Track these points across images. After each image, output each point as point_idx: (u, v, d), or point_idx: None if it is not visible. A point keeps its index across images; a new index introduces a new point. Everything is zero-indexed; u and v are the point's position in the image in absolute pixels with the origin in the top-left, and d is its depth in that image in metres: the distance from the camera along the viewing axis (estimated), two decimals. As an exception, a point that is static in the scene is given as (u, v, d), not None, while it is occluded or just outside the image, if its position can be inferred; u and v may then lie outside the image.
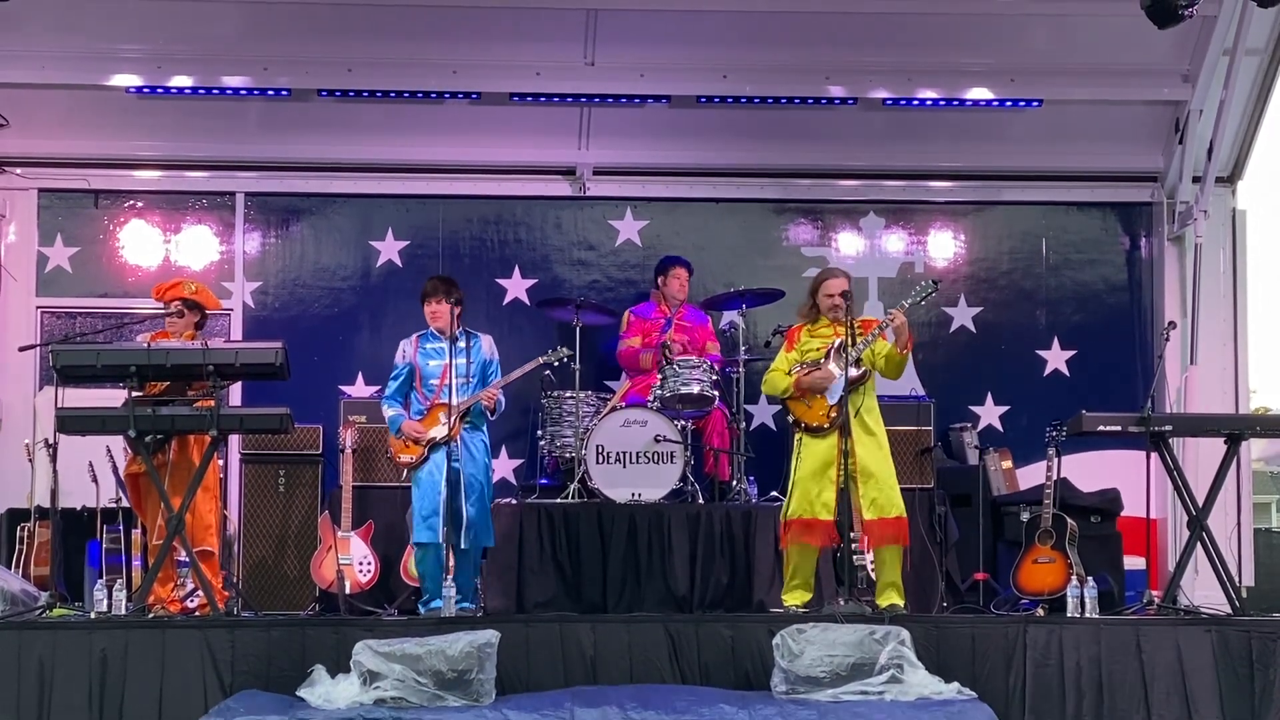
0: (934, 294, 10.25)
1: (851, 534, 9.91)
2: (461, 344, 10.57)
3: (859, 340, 9.92)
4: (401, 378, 10.70)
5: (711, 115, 13.30)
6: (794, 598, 10.05)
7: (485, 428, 10.70)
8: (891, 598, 9.94)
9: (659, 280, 12.61)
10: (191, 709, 8.67)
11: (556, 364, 11.12)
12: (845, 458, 9.81)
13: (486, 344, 10.77)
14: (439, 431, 10.38)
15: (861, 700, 8.43)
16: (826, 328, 10.22)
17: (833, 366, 10.02)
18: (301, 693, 8.52)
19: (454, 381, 10.41)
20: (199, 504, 10.28)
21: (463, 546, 10.29)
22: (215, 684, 8.82)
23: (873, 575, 10.22)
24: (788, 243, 13.76)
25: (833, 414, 9.97)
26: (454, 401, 10.35)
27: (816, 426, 10.07)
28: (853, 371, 9.87)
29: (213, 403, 9.79)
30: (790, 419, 10.32)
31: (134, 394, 9.86)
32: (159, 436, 10.07)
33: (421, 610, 10.35)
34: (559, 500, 11.34)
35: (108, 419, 9.78)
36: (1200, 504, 10.24)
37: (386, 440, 10.98)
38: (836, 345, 10.04)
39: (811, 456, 10.06)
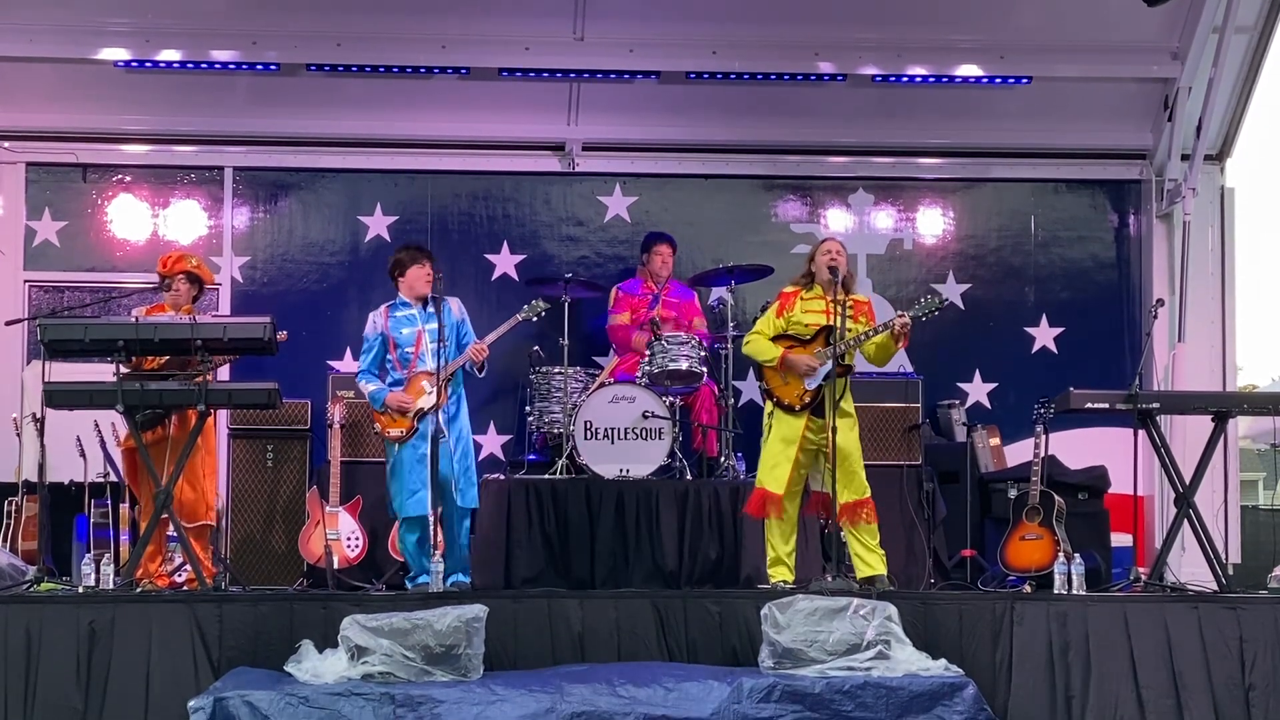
0: (940, 311, 10.23)
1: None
2: (431, 309, 10.51)
3: (851, 337, 9.92)
4: (374, 349, 10.62)
5: (701, 91, 13.29)
6: (776, 574, 10.08)
7: (461, 388, 10.68)
8: (874, 566, 9.92)
9: (644, 257, 12.61)
10: (179, 683, 8.69)
11: (535, 318, 11.02)
12: (833, 434, 9.80)
13: (455, 306, 10.72)
14: (427, 401, 10.35)
15: (849, 676, 8.45)
16: (819, 300, 10.17)
17: (821, 353, 9.99)
18: (289, 668, 8.53)
19: (429, 346, 10.40)
20: (200, 480, 10.38)
21: (458, 504, 10.32)
22: (203, 658, 8.82)
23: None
24: (776, 219, 13.75)
25: (806, 398, 10.00)
26: (432, 366, 10.34)
27: (789, 404, 10.08)
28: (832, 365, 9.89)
29: (211, 376, 9.83)
30: (762, 385, 10.33)
31: (133, 369, 9.93)
32: (157, 411, 10.09)
33: (409, 587, 10.36)
34: (547, 476, 11.33)
35: (96, 393, 9.77)
36: (1187, 481, 10.27)
37: (373, 416, 10.95)
38: (826, 332, 10.01)
39: (778, 432, 10.11)
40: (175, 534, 9.99)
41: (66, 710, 8.70)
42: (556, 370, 11.82)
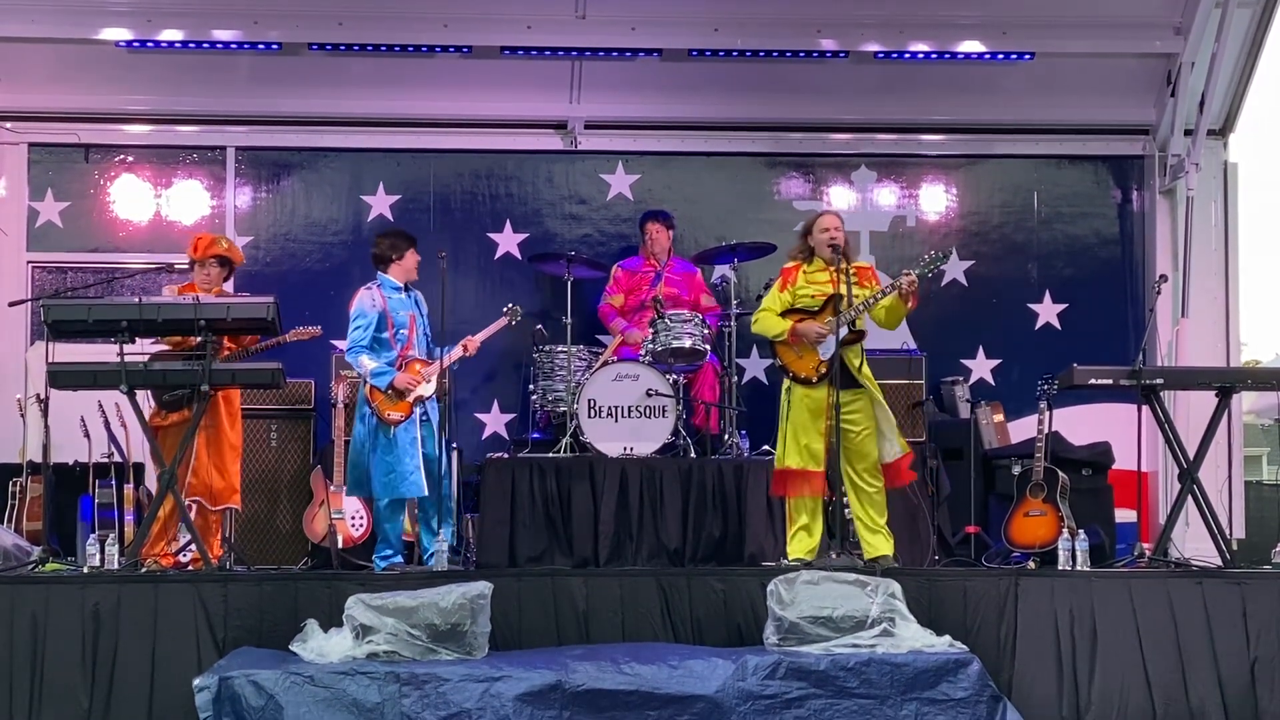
0: (943, 264, 10.17)
1: (843, 489, 9.93)
2: (415, 296, 10.75)
3: (859, 302, 9.86)
4: (372, 325, 10.61)
5: (703, 69, 13.26)
6: (796, 548, 9.99)
7: None
8: (879, 547, 9.89)
9: (643, 236, 12.62)
10: (184, 662, 8.71)
11: (513, 322, 11.22)
12: (836, 412, 9.77)
13: (422, 298, 10.97)
14: (427, 389, 10.49)
15: (854, 653, 8.47)
16: (822, 271, 10.07)
17: (831, 321, 9.91)
18: (294, 647, 8.55)
19: (419, 331, 10.67)
20: (227, 464, 10.50)
21: (426, 493, 10.43)
22: (208, 638, 8.86)
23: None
24: (779, 196, 13.74)
25: (822, 369, 9.91)
26: (422, 352, 10.64)
27: (805, 378, 10.01)
28: (845, 331, 9.83)
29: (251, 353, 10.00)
30: (778, 363, 10.22)
31: (175, 347, 10.14)
32: (183, 392, 10.09)
33: (379, 567, 10.40)
34: (551, 454, 11.35)
35: (99, 374, 9.76)
36: (1191, 457, 10.27)
37: (370, 395, 10.95)
38: (834, 301, 9.95)
39: (802, 408, 10.00)
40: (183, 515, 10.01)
41: (71, 690, 8.72)
42: (560, 349, 11.83)
